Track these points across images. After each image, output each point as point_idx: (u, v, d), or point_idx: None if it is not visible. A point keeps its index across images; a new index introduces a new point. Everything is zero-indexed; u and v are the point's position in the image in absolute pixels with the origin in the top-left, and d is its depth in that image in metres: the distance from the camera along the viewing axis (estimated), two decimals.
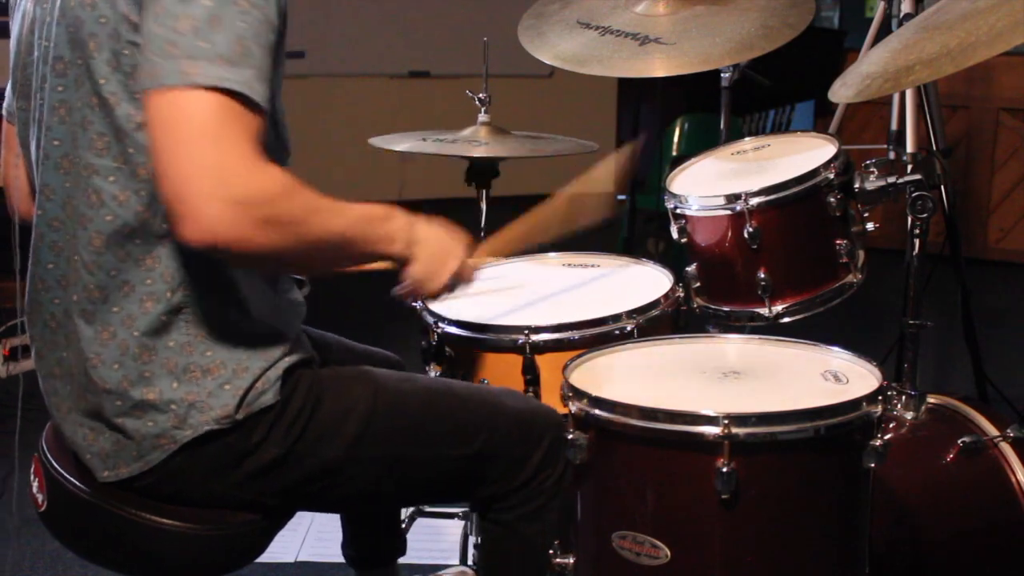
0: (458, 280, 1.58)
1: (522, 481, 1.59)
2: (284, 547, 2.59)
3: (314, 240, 1.36)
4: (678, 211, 2.00)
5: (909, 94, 2.58)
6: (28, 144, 1.50)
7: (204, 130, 1.26)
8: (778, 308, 1.92)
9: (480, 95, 2.38)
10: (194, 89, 1.26)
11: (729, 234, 1.93)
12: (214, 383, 1.43)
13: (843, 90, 1.83)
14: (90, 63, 1.36)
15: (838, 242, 1.91)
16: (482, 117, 2.38)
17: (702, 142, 4.04)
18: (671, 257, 3.81)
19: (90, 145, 1.39)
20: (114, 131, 1.37)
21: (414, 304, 1.91)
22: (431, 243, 1.53)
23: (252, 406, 1.44)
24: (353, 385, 1.55)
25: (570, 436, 1.50)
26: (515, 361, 1.76)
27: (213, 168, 1.25)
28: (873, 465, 1.45)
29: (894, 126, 2.93)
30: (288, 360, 1.48)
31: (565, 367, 1.59)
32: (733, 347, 1.72)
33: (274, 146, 1.45)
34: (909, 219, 2.05)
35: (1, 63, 1.61)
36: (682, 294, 1.94)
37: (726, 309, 1.98)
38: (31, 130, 1.48)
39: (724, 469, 1.36)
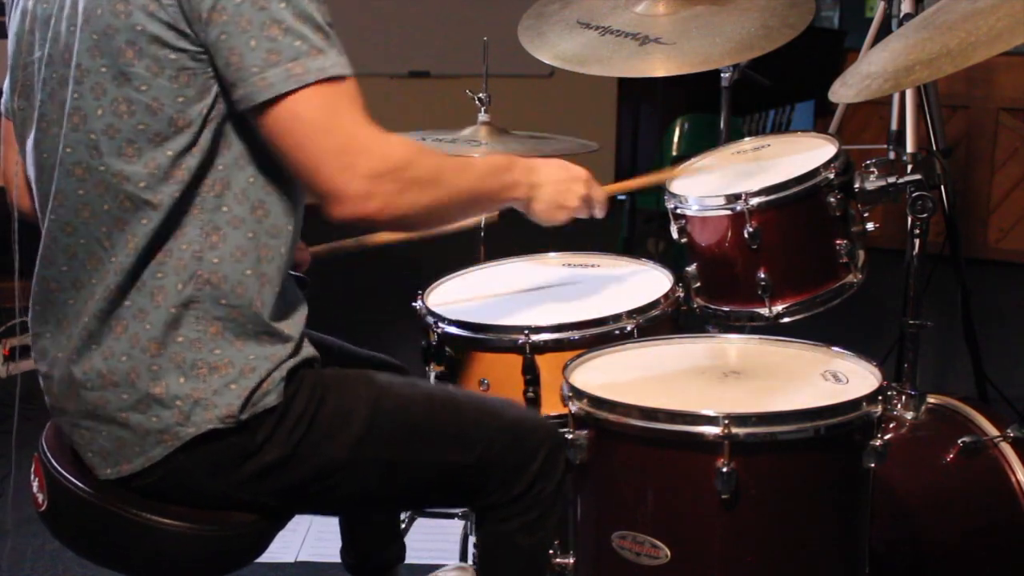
0: (588, 205, 1.74)
1: (520, 491, 1.59)
2: (284, 547, 2.59)
3: (449, 197, 1.48)
4: (678, 211, 2.00)
5: (909, 94, 2.58)
6: (26, 143, 1.50)
7: (318, 125, 1.34)
8: (778, 308, 1.92)
9: (480, 95, 2.38)
10: (301, 89, 1.33)
11: (729, 234, 1.93)
12: (220, 381, 1.43)
13: (843, 90, 1.83)
14: (127, 70, 1.36)
15: (838, 242, 1.91)
16: (482, 117, 2.38)
17: (702, 142, 4.04)
18: (671, 257, 3.81)
19: (119, 152, 1.39)
20: (149, 137, 1.37)
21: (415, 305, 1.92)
22: (551, 184, 1.67)
23: (256, 407, 1.44)
24: (356, 387, 1.55)
25: (570, 436, 1.50)
26: (515, 361, 1.76)
27: (338, 154, 1.35)
28: (873, 465, 1.45)
29: (894, 126, 2.93)
30: (292, 361, 1.47)
31: (565, 367, 1.60)
32: (733, 347, 1.72)
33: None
34: (909, 219, 2.05)
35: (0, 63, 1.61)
36: (682, 294, 1.94)
37: (726, 309, 1.98)
38: (29, 130, 1.48)
39: (724, 469, 1.36)
